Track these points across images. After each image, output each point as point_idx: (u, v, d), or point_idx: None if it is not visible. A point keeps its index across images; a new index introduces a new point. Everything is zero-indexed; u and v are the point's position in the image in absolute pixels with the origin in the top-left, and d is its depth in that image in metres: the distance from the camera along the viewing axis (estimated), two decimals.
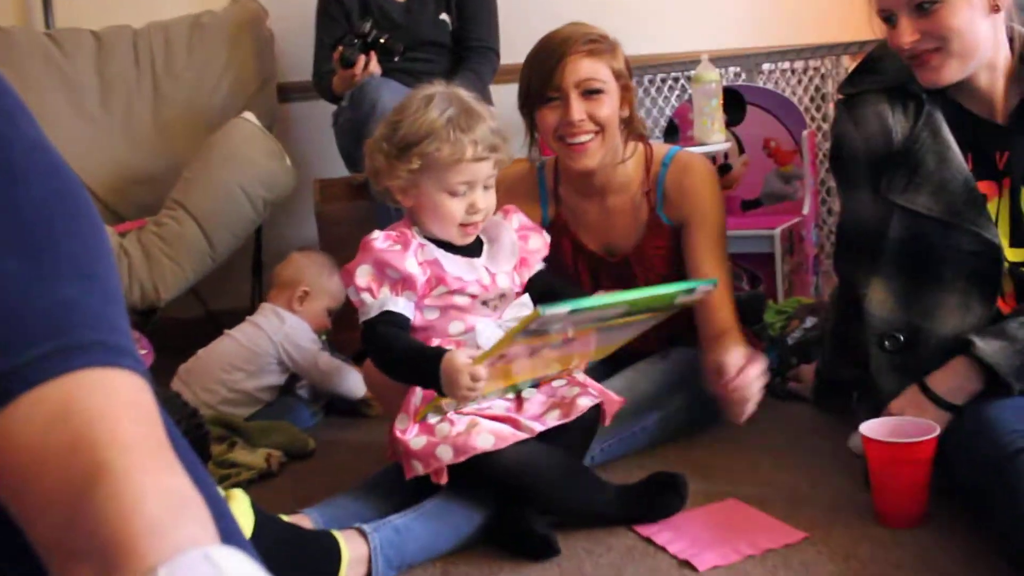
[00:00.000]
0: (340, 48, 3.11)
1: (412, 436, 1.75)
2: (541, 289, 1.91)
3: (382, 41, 3.15)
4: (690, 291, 1.70)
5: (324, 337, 2.80)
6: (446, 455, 1.71)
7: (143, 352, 2.89)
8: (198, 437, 2.12)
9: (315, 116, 3.79)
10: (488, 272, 1.85)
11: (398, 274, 1.76)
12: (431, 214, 1.82)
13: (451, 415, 1.76)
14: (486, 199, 1.83)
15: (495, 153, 1.81)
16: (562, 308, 1.52)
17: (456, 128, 1.77)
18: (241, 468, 2.25)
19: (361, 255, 1.79)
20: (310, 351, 2.67)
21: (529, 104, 2.17)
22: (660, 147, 2.28)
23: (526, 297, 1.89)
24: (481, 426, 1.73)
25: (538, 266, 1.95)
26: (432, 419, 1.77)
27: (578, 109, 2.10)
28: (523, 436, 1.72)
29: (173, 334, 3.43)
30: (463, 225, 1.82)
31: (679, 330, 2.22)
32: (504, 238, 1.90)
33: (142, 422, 0.73)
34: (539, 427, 1.75)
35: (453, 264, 1.81)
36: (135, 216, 3.36)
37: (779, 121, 3.31)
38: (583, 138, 2.13)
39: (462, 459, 1.70)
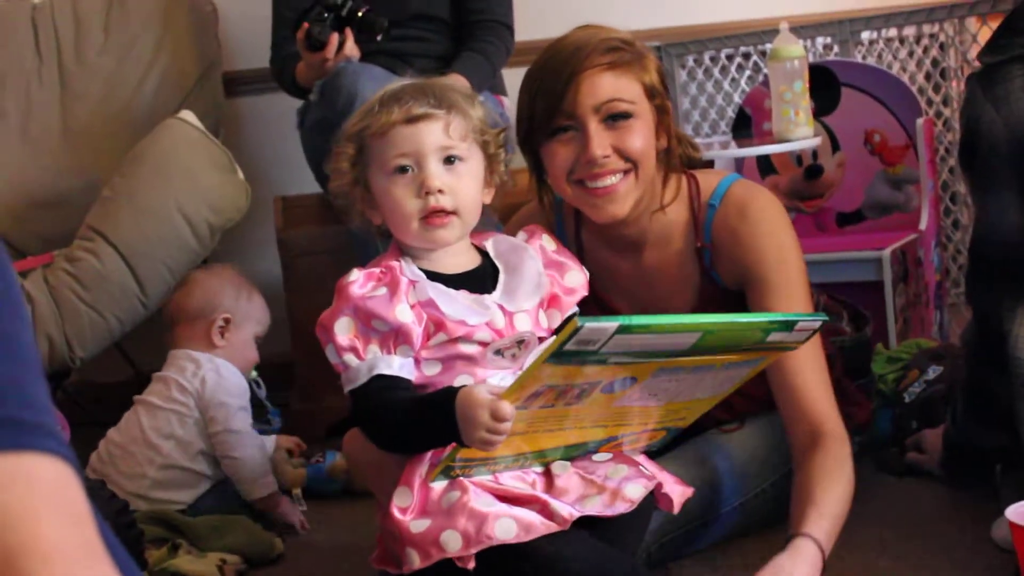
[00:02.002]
0: (306, 25, 3.14)
1: (413, 518, 1.75)
2: None
3: (360, 14, 3.17)
4: (788, 326, 1.70)
5: (255, 375, 2.81)
6: (452, 544, 1.71)
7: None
8: (129, 540, 2.12)
9: (274, 114, 3.82)
10: (503, 312, 1.86)
11: (387, 326, 1.77)
12: (390, 217, 1.88)
13: (464, 480, 1.77)
14: (446, 176, 1.85)
15: (441, 110, 1.85)
16: (608, 323, 1.53)
17: (389, 98, 1.87)
18: None
19: (338, 303, 1.81)
20: (223, 408, 2.64)
21: (532, 137, 2.12)
22: (708, 178, 2.22)
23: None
24: (499, 509, 1.73)
25: (573, 309, 1.96)
26: (438, 484, 1.78)
27: (600, 141, 2.04)
28: (554, 528, 1.72)
29: (93, 404, 3.45)
30: (424, 219, 1.84)
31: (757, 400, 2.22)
32: (526, 267, 1.91)
33: (69, 522, 0.74)
34: (574, 513, 1.75)
35: (454, 304, 1.82)
36: (40, 250, 3.37)
37: (885, 107, 3.32)
38: (610, 180, 2.06)
39: (473, 551, 1.70)
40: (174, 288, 2.91)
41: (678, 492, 1.90)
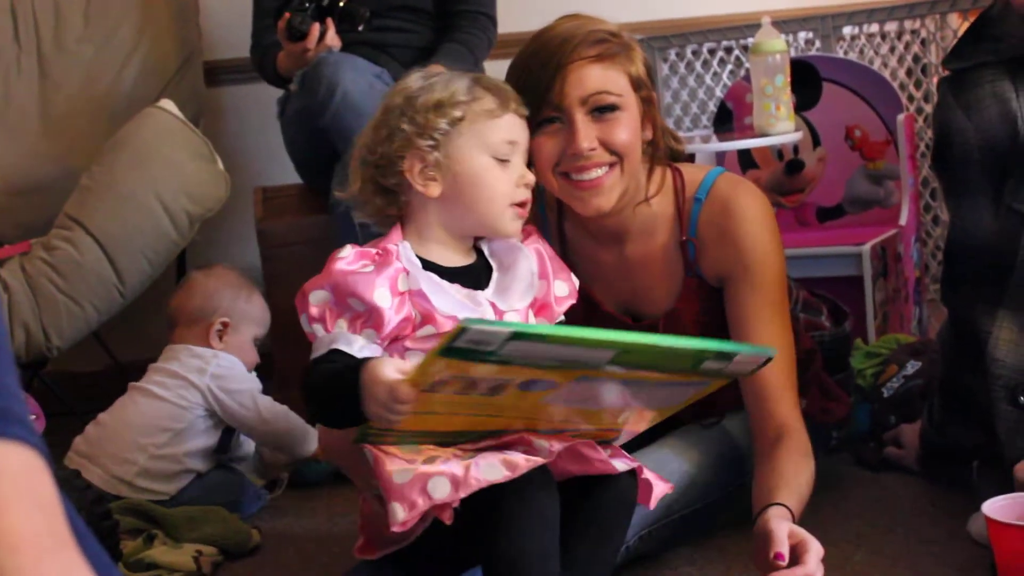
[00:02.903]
0: (287, 14, 3.13)
1: (396, 468, 1.71)
2: None
3: (342, 4, 3.17)
4: (726, 357, 1.63)
5: (254, 376, 2.82)
6: (440, 490, 1.66)
7: (30, 418, 2.89)
8: (104, 530, 2.12)
9: (255, 104, 3.82)
10: (495, 310, 1.85)
11: (362, 305, 1.76)
12: (471, 194, 1.87)
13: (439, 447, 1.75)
14: (532, 177, 1.92)
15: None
16: (501, 327, 1.50)
17: (488, 82, 1.92)
18: (162, 571, 2.24)
19: (322, 274, 1.81)
20: (247, 394, 2.69)
21: None
22: (693, 172, 2.22)
23: None
24: (485, 453, 1.71)
25: (560, 319, 1.96)
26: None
27: (586, 134, 2.02)
28: (539, 462, 1.70)
29: (69, 393, 3.44)
30: (516, 205, 1.89)
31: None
32: (520, 267, 1.91)
33: (37, 511, 0.74)
34: (556, 445, 1.74)
35: (446, 297, 1.81)
36: (17, 238, 3.36)
37: (866, 103, 3.33)
38: (595, 172, 2.05)
39: (464, 495, 1.65)
40: (176, 288, 2.89)
41: (660, 487, 1.90)
